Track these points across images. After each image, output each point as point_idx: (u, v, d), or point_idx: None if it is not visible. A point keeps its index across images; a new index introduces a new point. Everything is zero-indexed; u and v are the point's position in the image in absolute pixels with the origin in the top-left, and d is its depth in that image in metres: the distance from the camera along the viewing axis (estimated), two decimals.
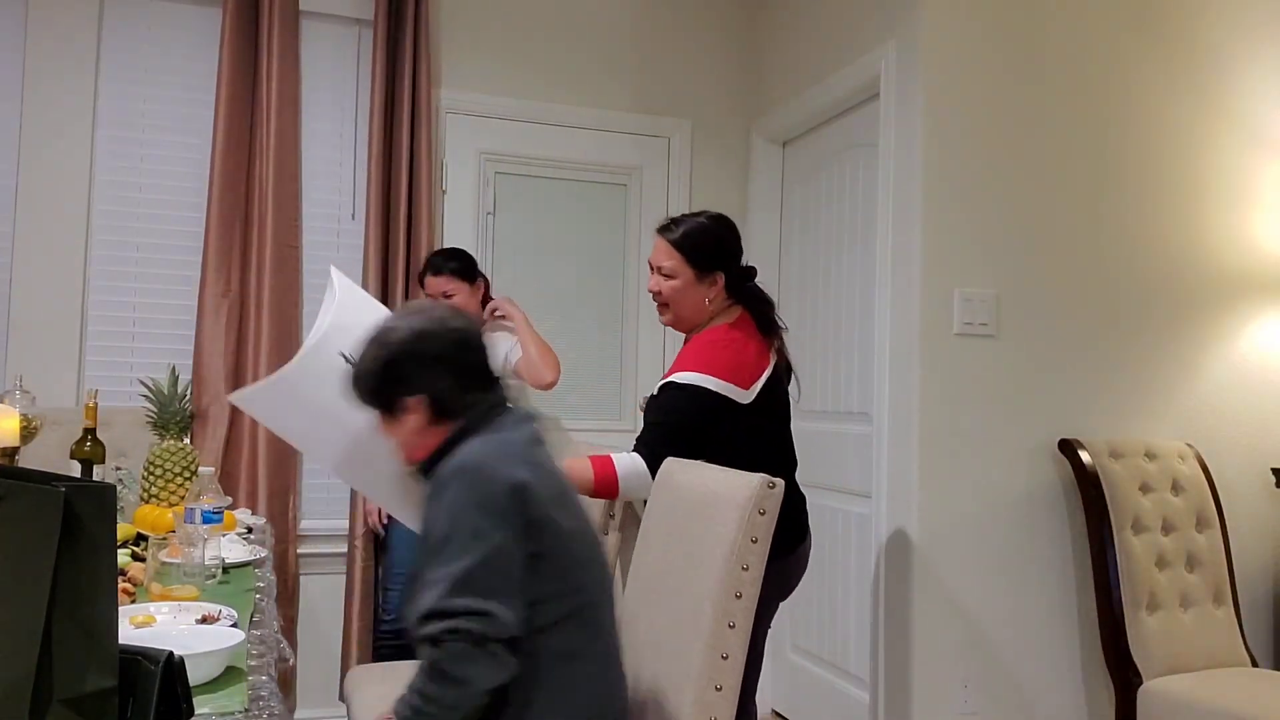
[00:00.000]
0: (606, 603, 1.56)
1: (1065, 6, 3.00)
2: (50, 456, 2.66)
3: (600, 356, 3.74)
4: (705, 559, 1.65)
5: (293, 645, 3.25)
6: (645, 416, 2.12)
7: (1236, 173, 3.18)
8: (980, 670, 2.84)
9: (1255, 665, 2.86)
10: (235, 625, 1.53)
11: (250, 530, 2.52)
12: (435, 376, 1.53)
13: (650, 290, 2.20)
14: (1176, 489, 2.90)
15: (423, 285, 3.05)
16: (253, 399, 1.83)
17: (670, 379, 2.10)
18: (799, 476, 2.23)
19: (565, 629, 1.46)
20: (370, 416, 1.61)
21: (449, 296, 3.00)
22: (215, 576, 1.90)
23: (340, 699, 3.26)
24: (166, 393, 2.49)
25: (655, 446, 2.02)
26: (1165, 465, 2.91)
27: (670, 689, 1.64)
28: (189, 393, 2.71)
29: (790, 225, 3.80)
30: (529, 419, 1.57)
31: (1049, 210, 2.97)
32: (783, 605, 2.17)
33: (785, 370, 2.23)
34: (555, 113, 3.67)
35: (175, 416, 2.49)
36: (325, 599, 3.33)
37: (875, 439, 2.98)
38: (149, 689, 0.94)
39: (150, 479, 2.41)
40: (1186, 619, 2.81)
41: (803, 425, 2.87)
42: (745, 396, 2.07)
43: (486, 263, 3.56)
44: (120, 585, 1.60)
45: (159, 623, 1.50)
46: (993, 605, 2.86)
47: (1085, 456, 2.83)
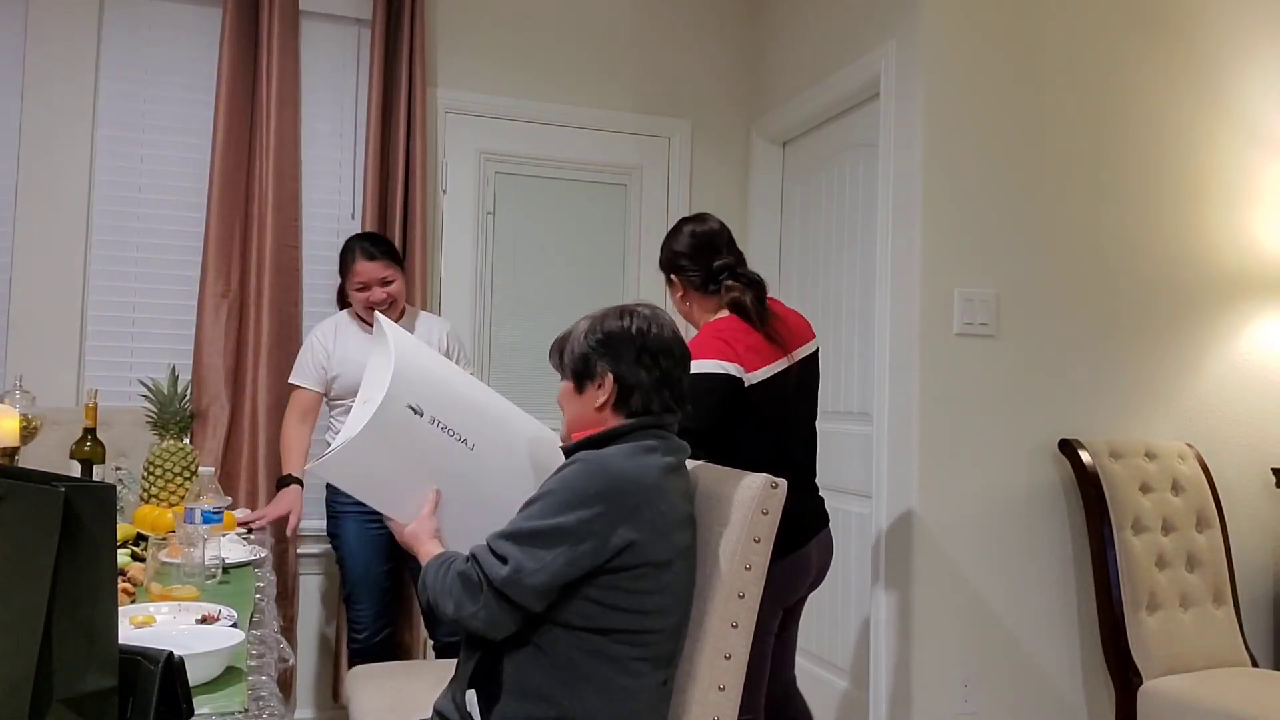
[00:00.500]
0: (673, 639, 1.61)
1: (1065, 6, 3.00)
2: (50, 456, 2.66)
3: None
4: (707, 559, 1.66)
5: (292, 645, 3.24)
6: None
7: (1236, 173, 3.18)
8: (980, 670, 2.84)
9: (1255, 665, 2.86)
10: (235, 625, 1.53)
11: (250, 530, 2.52)
12: (640, 369, 1.63)
13: None
14: (1176, 489, 2.90)
15: (348, 273, 2.77)
16: (328, 468, 1.70)
17: None
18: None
19: (623, 641, 1.53)
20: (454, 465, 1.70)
21: (388, 283, 2.75)
22: (215, 576, 1.90)
23: (339, 699, 3.26)
24: (166, 393, 2.49)
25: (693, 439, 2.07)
26: (1165, 465, 2.91)
27: (673, 689, 1.64)
28: (189, 393, 2.70)
29: (790, 225, 3.80)
30: (678, 449, 1.66)
31: (1049, 210, 2.97)
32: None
33: (804, 374, 2.24)
34: (555, 113, 3.67)
35: (175, 416, 2.49)
36: (325, 599, 3.33)
37: (875, 439, 2.98)
38: (149, 689, 0.94)
39: (150, 479, 2.41)
40: (1186, 619, 2.81)
41: None
42: (751, 378, 2.11)
43: (486, 263, 3.56)
44: (120, 585, 1.60)
45: (159, 623, 1.50)
46: (993, 605, 2.86)
47: (1085, 456, 2.83)
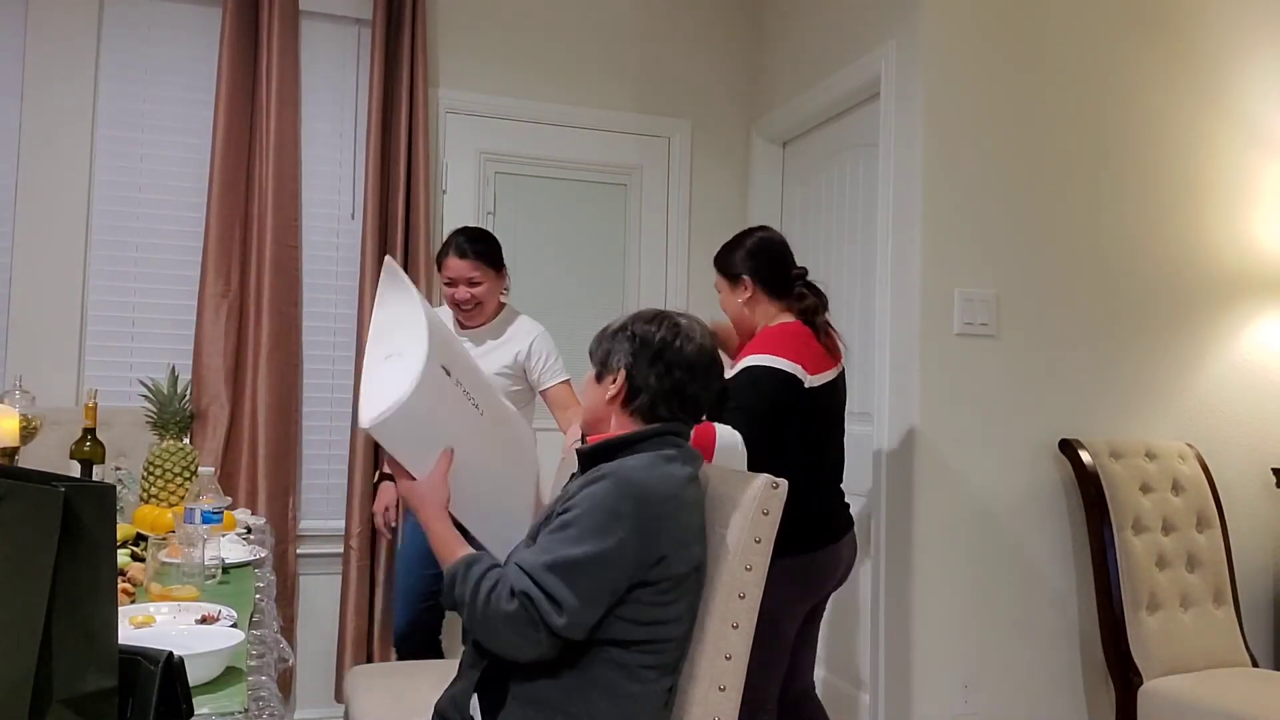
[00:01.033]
0: (682, 646, 1.61)
1: (1065, 6, 3.00)
2: (50, 456, 2.66)
3: None
4: (708, 559, 1.65)
5: (292, 645, 3.24)
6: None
7: (1236, 173, 3.18)
8: (980, 670, 2.84)
9: (1255, 665, 2.86)
10: (235, 625, 1.52)
11: (250, 530, 2.51)
12: (652, 375, 1.63)
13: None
14: (1177, 489, 2.90)
15: (440, 267, 2.74)
16: (388, 429, 1.54)
17: (738, 365, 2.19)
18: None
19: (638, 650, 1.53)
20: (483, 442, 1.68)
21: (474, 285, 2.67)
22: (215, 576, 1.89)
23: (338, 699, 3.26)
24: (166, 393, 2.49)
25: (741, 428, 2.10)
26: (1165, 465, 2.91)
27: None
28: (189, 393, 2.70)
29: (790, 225, 3.80)
30: (694, 457, 1.65)
31: (1049, 210, 2.97)
32: None
33: (843, 385, 2.34)
34: (555, 113, 3.67)
35: (175, 416, 2.49)
36: (324, 599, 3.33)
37: (875, 439, 2.98)
38: (149, 689, 0.94)
39: (150, 479, 2.40)
40: (1187, 619, 2.81)
41: None
42: (811, 381, 2.18)
43: None
44: (120, 585, 1.60)
45: (159, 623, 1.50)
46: (993, 605, 2.86)
47: (1085, 456, 2.82)
